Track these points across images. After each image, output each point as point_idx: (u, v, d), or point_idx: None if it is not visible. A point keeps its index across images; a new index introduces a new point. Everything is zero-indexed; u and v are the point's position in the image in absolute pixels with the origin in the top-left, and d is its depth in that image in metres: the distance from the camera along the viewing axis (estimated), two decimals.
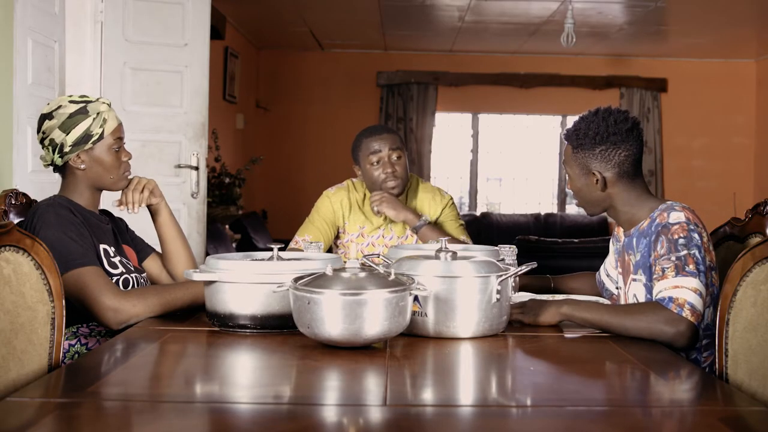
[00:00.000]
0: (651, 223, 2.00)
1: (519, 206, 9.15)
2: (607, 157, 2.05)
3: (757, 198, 7.86)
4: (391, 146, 2.77)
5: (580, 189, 2.12)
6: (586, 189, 2.10)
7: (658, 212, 2.00)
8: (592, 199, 2.11)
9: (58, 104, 2.14)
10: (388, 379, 1.46)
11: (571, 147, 2.11)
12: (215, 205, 6.19)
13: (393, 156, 2.77)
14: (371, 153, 2.78)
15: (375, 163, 2.78)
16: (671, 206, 2.00)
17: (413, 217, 2.66)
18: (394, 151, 2.77)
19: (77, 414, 1.29)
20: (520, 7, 6.38)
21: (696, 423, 1.29)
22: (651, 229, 1.99)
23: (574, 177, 2.12)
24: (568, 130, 2.13)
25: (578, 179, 2.11)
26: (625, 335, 1.83)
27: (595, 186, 2.08)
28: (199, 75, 4.12)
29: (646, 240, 2.00)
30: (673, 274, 1.87)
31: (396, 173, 2.76)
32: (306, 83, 8.57)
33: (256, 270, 1.84)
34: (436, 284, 1.76)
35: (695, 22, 6.86)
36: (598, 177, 2.06)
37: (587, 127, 2.07)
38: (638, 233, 2.05)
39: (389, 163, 2.76)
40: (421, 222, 2.66)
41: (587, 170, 2.08)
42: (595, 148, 2.05)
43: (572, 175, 2.12)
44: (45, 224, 1.99)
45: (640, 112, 8.65)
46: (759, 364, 1.63)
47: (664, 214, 1.98)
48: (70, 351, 1.98)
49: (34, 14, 3.26)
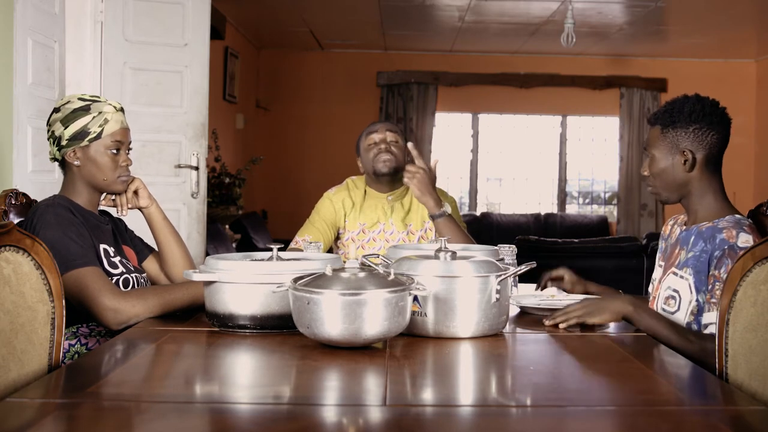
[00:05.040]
0: (713, 229, 1.98)
1: (519, 206, 9.15)
2: (700, 137, 2.05)
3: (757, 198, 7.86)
4: (387, 129, 2.88)
5: (664, 170, 2.08)
6: (671, 170, 2.07)
7: (726, 224, 1.98)
8: (674, 182, 2.08)
9: (67, 100, 2.15)
10: (387, 379, 1.46)
11: (659, 127, 2.09)
12: (215, 205, 6.19)
13: (389, 137, 2.87)
14: (369, 135, 2.88)
15: (372, 145, 2.87)
16: (740, 224, 1.98)
17: (434, 205, 2.61)
18: (391, 133, 2.87)
19: (77, 414, 1.29)
20: (520, 7, 6.38)
21: (696, 423, 1.29)
22: (713, 239, 1.96)
23: (659, 158, 2.09)
24: (656, 112, 2.11)
25: (664, 159, 2.08)
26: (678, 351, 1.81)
27: (681, 167, 2.06)
28: (199, 75, 4.12)
29: (703, 244, 1.99)
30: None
31: (389, 149, 2.84)
32: (306, 83, 8.57)
33: (256, 270, 1.84)
34: (435, 284, 1.76)
35: (695, 22, 6.87)
36: (689, 156, 2.04)
37: (681, 106, 2.06)
38: (697, 231, 2.04)
39: (384, 141, 2.86)
40: (441, 212, 2.62)
41: (677, 149, 2.06)
42: (690, 126, 2.05)
43: (657, 156, 2.09)
44: (45, 224, 1.99)
45: (640, 112, 8.65)
46: (759, 364, 1.63)
47: (732, 231, 1.95)
48: (70, 351, 1.98)
49: (34, 14, 3.26)
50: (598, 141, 9.11)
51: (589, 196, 9.34)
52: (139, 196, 2.27)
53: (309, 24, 7.27)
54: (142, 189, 2.27)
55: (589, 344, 1.85)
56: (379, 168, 2.82)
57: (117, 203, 2.26)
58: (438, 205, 2.61)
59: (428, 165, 2.65)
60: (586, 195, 9.34)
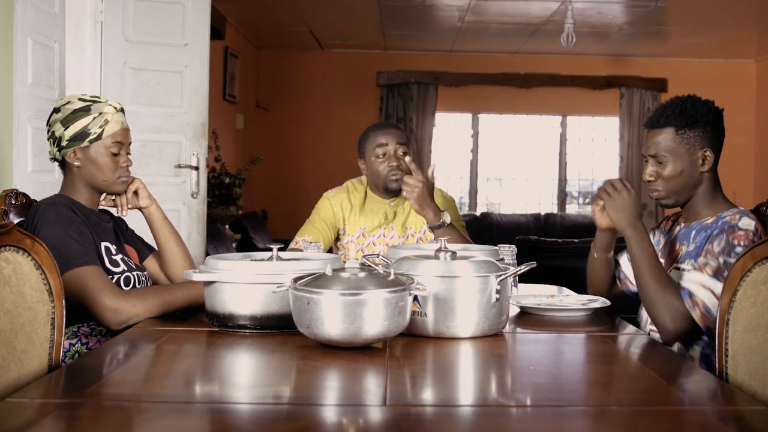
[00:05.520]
0: (717, 221, 2.00)
1: (519, 206, 9.15)
2: (716, 136, 2.06)
3: (757, 198, 7.86)
4: (398, 141, 2.79)
5: (681, 171, 2.04)
6: (689, 171, 2.05)
7: (729, 214, 1.99)
8: (688, 183, 2.06)
9: (68, 100, 2.15)
10: (387, 379, 1.46)
11: (673, 129, 2.04)
12: (215, 205, 6.19)
13: (399, 150, 2.79)
14: (378, 146, 2.79)
15: (381, 156, 2.79)
16: (744, 212, 1.99)
17: (433, 217, 2.61)
18: (401, 146, 2.79)
19: (77, 414, 1.29)
20: (520, 7, 6.38)
21: (696, 423, 1.29)
22: (716, 225, 1.98)
23: (675, 160, 2.04)
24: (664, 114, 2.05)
25: (681, 161, 2.04)
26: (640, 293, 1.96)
27: (699, 167, 2.04)
28: (199, 75, 4.12)
29: (706, 234, 2.00)
30: (710, 273, 1.90)
31: (401, 167, 2.77)
32: (306, 83, 8.57)
33: (256, 270, 1.84)
34: (435, 284, 1.76)
35: (695, 22, 6.87)
36: (709, 155, 2.04)
37: (693, 106, 2.05)
38: (699, 226, 2.05)
39: (395, 157, 2.78)
40: (440, 222, 2.62)
41: (694, 149, 2.04)
42: (708, 125, 2.05)
43: (672, 158, 2.04)
44: (46, 223, 1.99)
45: (640, 112, 8.65)
46: (759, 364, 1.63)
47: (735, 216, 1.97)
48: (70, 350, 1.98)
49: (34, 14, 3.26)
50: (598, 141, 9.11)
51: (589, 196, 9.33)
52: (139, 196, 2.27)
53: (309, 24, 7.27)
54: (142, 189, 2.28)
55: (589, 344, 1.85)
56: (392, 186, 2.79)
57: (117, 203, 2.26)
58: (437, 216, 2.61)
59: (426, 175, 2.61)
60: (586, 195, 9.34)
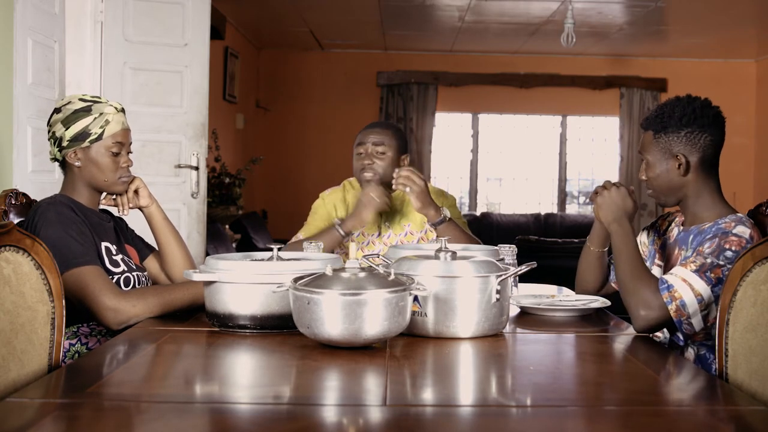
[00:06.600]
0: (713, 226, 1.99)
1: (519, 206, 9.15)
2: (692, 141, 2.04)
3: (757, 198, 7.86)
4: (374, 141, 2.81)
5: (658, 175, 2.09)
6: (666, 175, 2.08)
7: (727, 221, 1.98)
8: (670, 186, 2.08)
9: (68, 100, 2.15)
10: (388, 379, 1.46)
11: (652, 132, 2.09)
12: (215, 205, 6.19)
13: (377, 149, 2.81)
14: (358, 144, 2.84)
15: (359, 154, 2.83)
16: (742, 220, 1.98)
17: (435, 213, 2.63)
18: (377, 146, 2.81)
19: (77, 414, 1.29)
20: (520, 7, 6.38)
21: (696, 423, 1.29)
22: (711, 230, 1.98)
23: (653, 163, 2.09)
24: (648, 117, 2.11)
25: (658, 165, 2.08)
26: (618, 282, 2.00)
27: (676, 171, 2.06)
28: (199, 75, 4.12)
29: (702, 237, 2.00)
30: (693, 269, 1.89)
31: (373, 165, 2.79)
32: (306, 83, 8.57)
33: (256, 270, 1.84)
34: (435, 284, 1.76)
35: (695, 22, 6.87)
36: (682, 161, 2.04)
37: (671, 110, 2.06)
38: (697, 231, 2.04)
39: (368, 155, 2.81)
40: (441, 218, 2.63)
41: (670, 154, 2.06)
42: (681, 130, 2.04)
43: (651, 161, 2.09)
44: (46, 222, 1.99)
45: (640, 112, 8.65)
46: (759, 364, 1.63)
47: (731, 223, 1.96)
48: (70, 350, 1.98)
49: (34, 14, 3.26)
50: (598, 141, 9.11)
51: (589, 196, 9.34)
52: (140, 196, 2.27)
53: (309, 24, 7.27)
54: (143, 188, 2.28)
55: (589, 344, 1.85)
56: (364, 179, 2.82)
57: (117, 203, 2.27)
58: (438, 212, 2.64)
59: (418, 174, 2.66)
60: (587, 195, 9.34)
